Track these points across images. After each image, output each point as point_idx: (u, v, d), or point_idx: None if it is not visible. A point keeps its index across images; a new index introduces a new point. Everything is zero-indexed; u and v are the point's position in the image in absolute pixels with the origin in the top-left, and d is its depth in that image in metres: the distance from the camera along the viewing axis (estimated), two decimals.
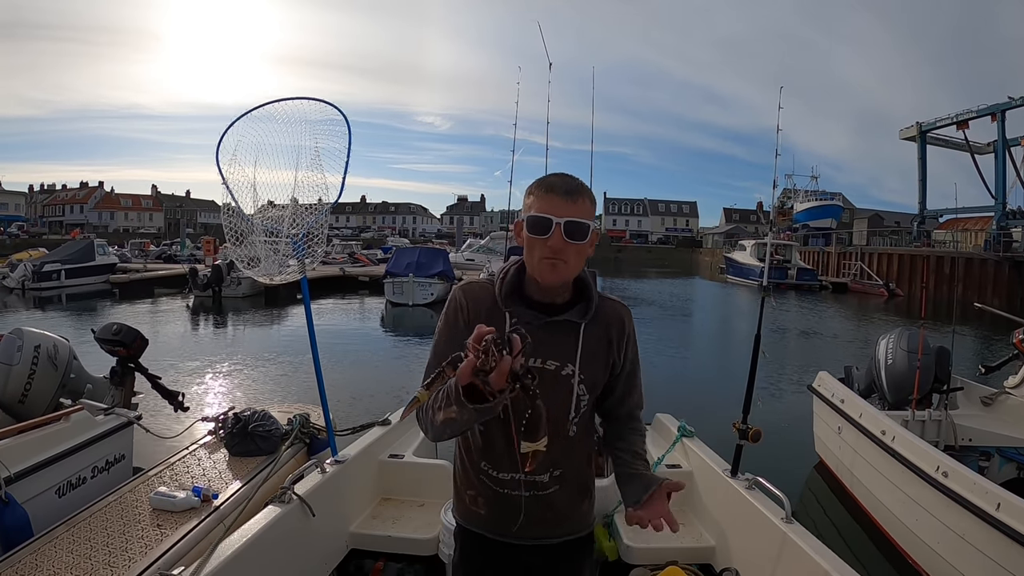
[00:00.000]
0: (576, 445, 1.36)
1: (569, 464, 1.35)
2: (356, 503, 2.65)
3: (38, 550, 2.34)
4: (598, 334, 1.32)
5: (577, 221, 1.19)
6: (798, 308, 19.38)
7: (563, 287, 1.30)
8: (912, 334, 4.63)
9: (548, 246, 1.19)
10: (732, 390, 3.39)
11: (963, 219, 34.32)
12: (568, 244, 1.19)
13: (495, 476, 1.34)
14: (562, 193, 1.20)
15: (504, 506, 1.34)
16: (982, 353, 10.57)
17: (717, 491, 2.57)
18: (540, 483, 1.33)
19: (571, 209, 1.19)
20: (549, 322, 1.28)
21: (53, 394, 3.81)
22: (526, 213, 1.23)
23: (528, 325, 1.22)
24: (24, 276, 19.10)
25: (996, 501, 2.64)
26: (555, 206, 1.19)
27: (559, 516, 1.37)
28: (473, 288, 1.35)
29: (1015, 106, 26.78)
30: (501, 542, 1.37)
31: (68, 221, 65.47)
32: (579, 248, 1.22)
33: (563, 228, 1.18)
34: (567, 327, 1.29)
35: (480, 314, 1.30)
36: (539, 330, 1.24)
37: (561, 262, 1.20)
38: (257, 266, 2.90)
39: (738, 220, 70.25)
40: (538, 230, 1.19)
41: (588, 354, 1.30)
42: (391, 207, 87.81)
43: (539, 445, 1.06)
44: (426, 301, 16.37)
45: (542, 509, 1.35)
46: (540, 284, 1.27)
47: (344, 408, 6.00)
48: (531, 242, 1.22)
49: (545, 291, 1.29)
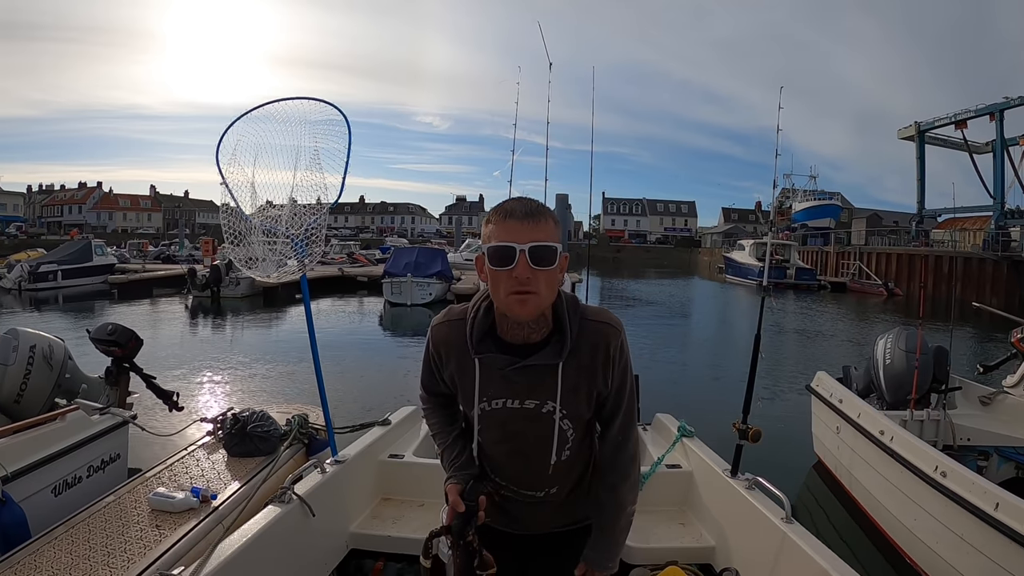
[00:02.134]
0: (572, 466, 1.35)
1: (566, 481, 1.37)
2: (356, 503, 2.64)
3: (37, 550, 2.33)
4: (580, 367, 1.22)
5: (543, 245, 1.09)
6: (797, 308, 19.40)
7: (539, 322, 1.19)
8: (910, 334, 4.63)
9: (514, 277, 1.08)
10: (732, 390, 3.41)
11: (961, 219, 34.36)
12: (536, 272, 1.09)
13: (493, 480, 1.37)
14: (521, 216, 1.10)
15: (503, 509, 1.39)
16: (980, 353, 10.57)
17: (717, 491, 2.57)
18: (535, 497, 1.36)
19: (534, 232, 1.09)
20: (523, 367, 1.18)
21: (48, 394, 3.81)
22: (485, 244, 1.13)
23: (499, 372, 1.20)
24: (20, 277, 19.05)
25: (995, 501, 2.65)
26: (515, 232, 1.09)
27: (558, 513, 1.40)
28: (443, 331, 1.27)
29: (1013, 106, 26.83)
30: (502, 531, 1.40)
31: (67, 221, 65.38)
32: (548, 275, 1.11)
33: (527, 255, 1.08)
34: (543, 369, 1.20)
35: (451, 359, 1.25)
36: (514, 373, 1.20)
37: (531, 294, 1.10)
38: (255, 265, 2.90)
39: (737, 220, 70.31)
40: (501, 261, 1.09)
41: (568, 390, 1.22)
42: (390, 207, 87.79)
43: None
44: (424, 301, 16.38)
45: (541, 510, 1.39)
46: (511, 323, 1.18)
47: (343, 408, 5.99)
48: (495, 276, 1.11)
49: (518, 330, 1.19)
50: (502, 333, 1.21)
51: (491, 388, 1.23)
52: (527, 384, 1.22)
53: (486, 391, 1.24)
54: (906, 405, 4.17)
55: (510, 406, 1.23)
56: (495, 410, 1.25)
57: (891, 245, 31.90)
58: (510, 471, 1.34)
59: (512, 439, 1.28)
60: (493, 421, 1.27)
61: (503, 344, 1.21)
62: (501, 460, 1.33)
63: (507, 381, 1.22)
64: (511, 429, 1.27)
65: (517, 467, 1.33)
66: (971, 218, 33.46)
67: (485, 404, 1.25)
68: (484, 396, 1.24)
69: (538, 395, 1.23)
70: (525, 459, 1.30)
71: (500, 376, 1.22)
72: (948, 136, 31.86)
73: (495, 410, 1.25)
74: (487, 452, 1.33)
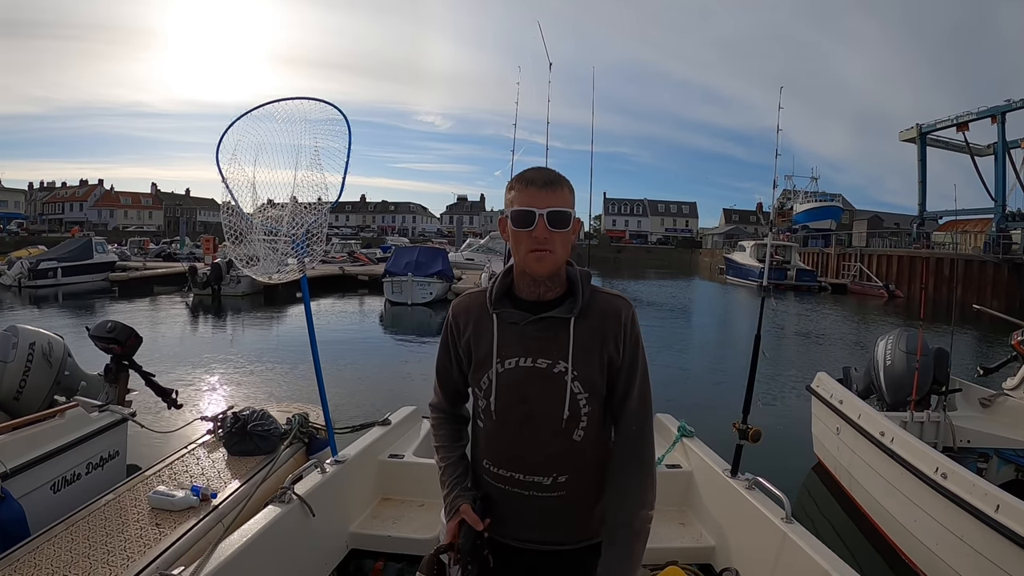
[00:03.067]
0: (585, 453, 1.30)
1: (576, 471, 1.30)
2: (356, 503, 2.64)
3: (37, 548, 2.34)
4: (591, 328, 1.27)
5: (559, 210, 1.22)
6: (797, 309, 19.40)
7: (554, 281, 1.29)
8: (911, 335, 4.63)
9: (533, 237, 1.22)
10: (732, 390, 3.41)
11: (963, 221, 34.31)
12: (552, 233, 1.22)
13: (495, 472, 1.32)
14: (541, 185, 1.23)
15: (507, 507, 1.31)
16: (981, 354, 10.58)
17: (717, 491, 2.57)
18: (541, 484, 1.29)
19: (551, 199, 1.22)
20: (537, 319, 1.27)
21: (48, 391, 3.82)
22: (508, 209, 1.26)
23: (515, 326, 1.28)
24: (20, 274, 19.08)
25: (995, 503, 2.65)
26: (536, 198, 1.22)
27: (568, 523, 1.32)
28: (463, 301, 1.39)
29: (1015, 108, 26.83)
30: (508, 545, 1.33)
31: (68, 219, 65.39)
32: (563, 236, 1.24)
33: (546, 218, 1.21)
34: (556, 323, 1.27)
35: (469, 324, 1.34)
36: (527, 327, 1.27)
37: (547, 252, 1.22)
38: (256, 265, 2.90)
39: (738, 221, 70.23)
40: (522, 223, 1.22)
41: (580, 349, 1.26)
42: (391, 206, 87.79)
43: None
44: (425, 300, 16.38)
45: (546, 514, 1.31)
46: (530, 280, 1.28)
47: (343, 407, 5.99)
48: (517, 236, 1.24)
49: (534, 289, 1.29)
50: (519, 292, 1.31)
51: (506, 347, 1.29)
52: (540, 339, 1.27)
53: (502, 349, 1.29)
54: (906, 406, 4.17)
55: (523, 364, 1.27)
56: (508, 371, 1.29)
57: (892, 247, 31.88)
58: (517, 447, 1.30)
59: (524, 403, 1.28)
60: (508, 384, 1.29)
61: (519, 302, 1.31)
62: (506, 435, 1.30)
63: (522, 338, 1.28)
64: (523, 392, 1.28)
65: (524, 439, 1.29)
66: (972, 220, 33.44)
67: (499, 364, 1.29)
68: (500, 355, 1.29)
69: (550, 353, 1.27)
70: (533, 428, 1.28)
71: (516, 332, 1.29)
72: (949, 138, 31.87)
73: (508, 371, 1.29)
74: (496, 426, 1.31)
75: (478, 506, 1.29)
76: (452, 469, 1.38)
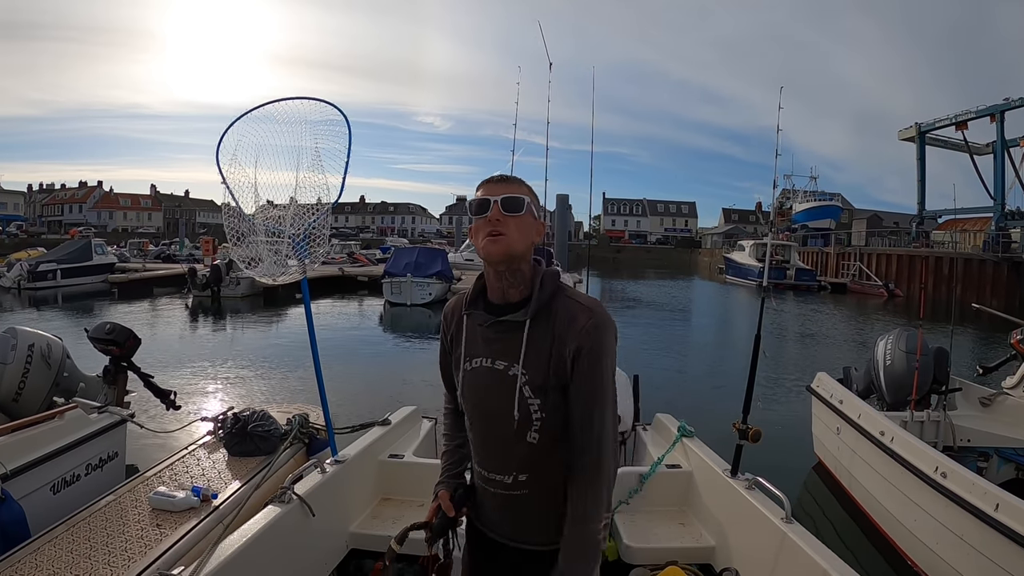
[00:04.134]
0: (542, 455, 1.30)
1: (535, 472, 1.32)
2: (356, 503, 2.64)
3: (38, 549, 2.34)
4: (544, 331, 1.27)
5: (512, 196, 1.28)
6: (797, 309, 19.40)
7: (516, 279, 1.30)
8: (911, 335, 4.63)
9: (488, 220, 1.27)
10: (732, 390, 3.41)
11: (962, 220, 34.32)
12: (506, 216, 1.27)
13: (476, 469, 1.41)
14: (496, 180, 1.32)
15: (484, 499, 1.41)
16: (980, 354, 10.58)
17: (717, 491, 2.57)
18: (503, 483, 1.34)
19: (505, 189, 1.29)
20: (496, 321, 1.31)
21: (47, 392, 3.83)
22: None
23: (480, 327, 1.34)
24: (20, 276, 19.07)
25: (995, 502, 2.65)
26: (491, 190, 1.30)
27: (534, 523, 1.34)
28: (452, 302, 1.46)
29: (1014, 107, 26.82)
30: (491, 539, 1.41)
31: (67, 221, 65.28)
32: (518, 221, 1.28)
33: (500, 204, 1.27)
34: (514, 325, 1.29)
35: (452, 324, 1.43)
36: (487, 329, 1.33)
37: (501, 235, 1.26)
38: (257, 266, 2.90)
39: (737, 220, 70.25)
40: (479, 210, 1.29)
41: (531, 353, 1.27)
42: (390, 207, 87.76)
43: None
44: (424, 301, 16.37)
45: (515, 512, 1.35)
46: (494, 277, 1.32)
47: (343, 408, 5.99)
48: (476, 226, 1.29)
49: (499, 288, 1.32)
50: (490, 294, 1.36)
51: (473, 347, 1.35)
52: (501, 341, 1.31)
53: (469, 349, 1.36)
54: (906, 406, 4.17)
55: (484, 365, 1.33)
56: (474, 369, 1.34)
57: (891, 246, 31.86)
58: (481, 445, 1.38)
59: (483, 403, 1.34)
60: (471, 383, 1.35)
61: (489, 305, 1.35)
62: (477, 431, 1.39)
63: (486, 339, 1.33)
64: (482, 392, 1.34)
65: (486, 438, 1.37)
66: (971, 219, 33.45)
67: (467, 364, 1.36)
68: (467, 355, 1.36)
69: (506, 356, 1.30)
70: (491, 427, 1.34)
71: (480, 335, 1.34)
72: (949, 137, 31.84)
73: (474, 369, 1.34)
74: (469, 423, 1.41)
75: (458, 494, 1.40)
76: (447, 457, 1.51)
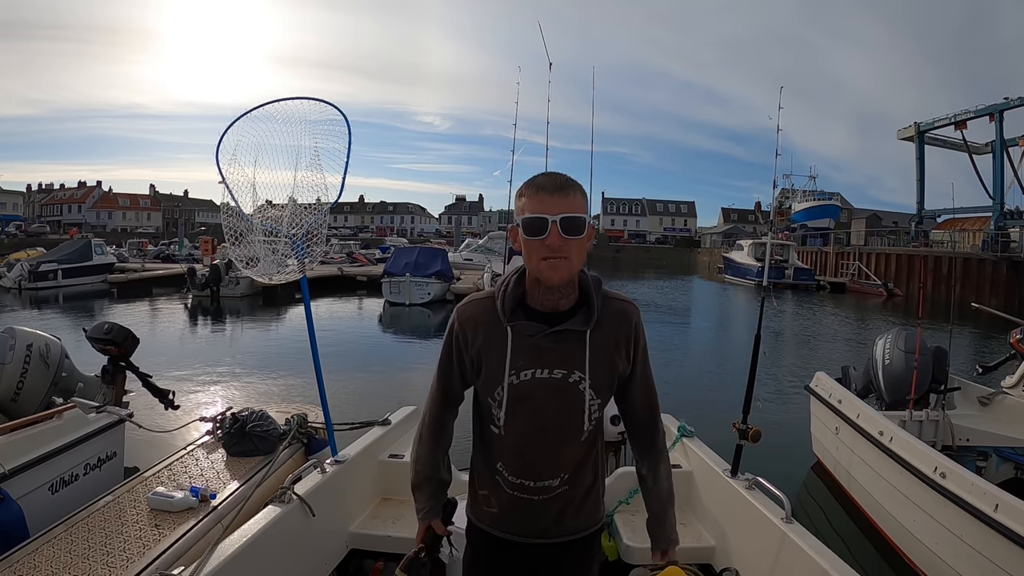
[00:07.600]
0: (587, 448, 1.34)
1: (578, 466, 1.34)
2: (356, 503, 2.64)
3: (36, 549, 2.33)
4: (605, 337, 1.28)
5: (572, 216, 1.17)
6: (796, 308, 19.40)
7: (567, 288, 1.26)
8: (909, 334, 4.63)
9: (546, 245, 1.17)
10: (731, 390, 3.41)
11: (961, 219, 34.32)
12: (567, 240, 1.17)
13: (508, 479, 1.34)
14: (552, 190, 1.18)
15: (515, 507, 1.35)
16: (979, 353, 10.58)
17: (717, 491, 2.57)
18: (550, 487, 1.33)
19: (564, 205, 1.17)
20: (553, 332, 1.25)
21: (45, 392, 3.83)
22: (519, 216, 1.21)
23: (530, 338, 1.26)
24: (20, 276, 19.06)
25: (994, 502, 2.65)
26: (547, 204, 1.17)
27: (567, 515, 1.36)
28: (470, 309, 1.32)
29: (1013, 106, 26.82)
30: (510, 540, 1.38)
31: (66, 221, 65.22)
32: (578, 243, 1.19)
33: (559, 225, 1.16)
34: (572, 336, 1.26)
35: (479, 335, 1.29)
36: (543, 339, 1.25)
37: (562, 259, 1.18)
38: (256, 266, 2.90)
39: (736, 220, 70.31)
40: (535, 231, 1.17)
41: (596, 360, 1.28)
42: (389, 207, 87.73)
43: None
44: (423, 301, 16.38)
45: (551, 509, 1.35)
46: (542, 290, 1.25)
47: (342, 408, 5.99)
48: (529, 245, 1.19)
49: (547, 299, 1.25)
50: (532, 302, 1.27)
51: (521, 358, 1.27)
52: (557, 352, 1.26)
53: (516, 362, 1.27)
54: (905, 405, 4.17)
55: (539, 376, 1.26)
56: (523, 382, 1.27)
57: (890, 245, 31.88)
58: (529, 456, 1.31)
59: (538, 414, 1.28)
60: (521, 395, 1.28)
61: (533, 313, 1.27)
62: (522, 442, 1.31)
63: (537, 350, 1.26)
64: (538, 402, 1.28)
65: (537, 448, 1.30)
66: (970, 219, 33.44)
67: (514, 376, 1.27)
68: (514, 368, 1.27)
69: (566, 364, 1.26)
70: (548, 437, 1.30)
71: (531, 345, 1.26)
72: (948, 137, 31.84)
73: (523, 382, 1.27)
74: (510, 435, 1.31)
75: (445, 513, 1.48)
76: (428, 487, 1.47)
